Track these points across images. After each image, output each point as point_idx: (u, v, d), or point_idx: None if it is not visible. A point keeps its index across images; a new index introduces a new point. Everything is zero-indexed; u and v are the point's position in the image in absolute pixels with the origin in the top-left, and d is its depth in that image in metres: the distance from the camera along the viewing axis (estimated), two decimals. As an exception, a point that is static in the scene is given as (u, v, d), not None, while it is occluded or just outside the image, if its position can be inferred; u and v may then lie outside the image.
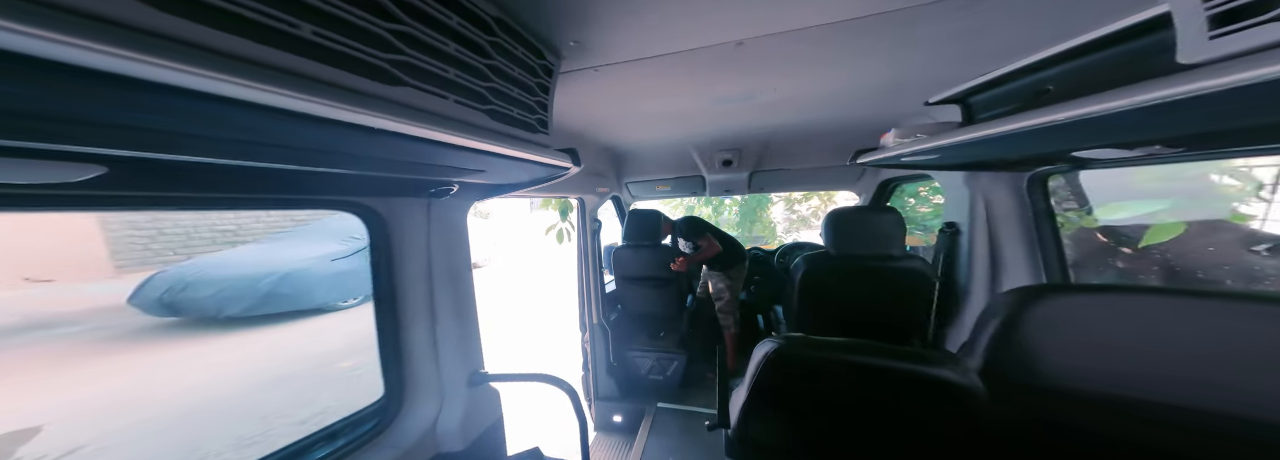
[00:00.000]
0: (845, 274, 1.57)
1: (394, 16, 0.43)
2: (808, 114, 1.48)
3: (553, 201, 3.15)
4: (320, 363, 3.08)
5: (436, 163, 0.61)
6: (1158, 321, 0.55)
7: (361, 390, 2.69)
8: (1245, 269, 1.27)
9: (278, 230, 4.91)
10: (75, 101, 0.25)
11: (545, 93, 0.79)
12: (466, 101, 0.56)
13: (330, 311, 3.97)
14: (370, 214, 0.86)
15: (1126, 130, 0.62)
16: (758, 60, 0.91)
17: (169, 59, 0.25)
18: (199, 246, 4.46)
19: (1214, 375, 0.53)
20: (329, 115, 0.35)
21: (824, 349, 0.75)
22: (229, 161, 0.44)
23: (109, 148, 0.35)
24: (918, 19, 0.70)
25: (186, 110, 0.29)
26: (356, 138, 0.41)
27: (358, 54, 0.40)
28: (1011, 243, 1.36)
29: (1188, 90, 0.41)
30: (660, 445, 1.92)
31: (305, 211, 3.55)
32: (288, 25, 0.33)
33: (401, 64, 0.44)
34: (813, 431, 0.80)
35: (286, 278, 3.62)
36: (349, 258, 4.14)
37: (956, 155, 1.03)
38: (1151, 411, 0.56)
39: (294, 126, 0.36)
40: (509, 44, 0.64)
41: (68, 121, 0.28)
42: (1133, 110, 0.48)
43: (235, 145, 0.40)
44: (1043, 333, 0.60)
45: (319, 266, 3.92)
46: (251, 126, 0.35)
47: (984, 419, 0.64)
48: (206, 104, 0.28)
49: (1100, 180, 1.62)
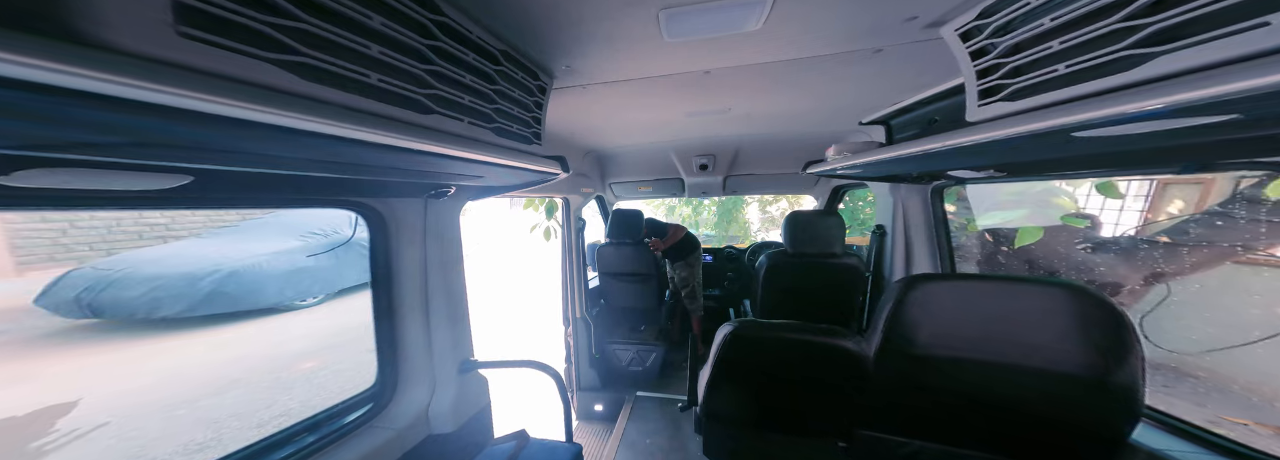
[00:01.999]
0: (800, 269, 1.80)
1: (429, 59, 0.53)
2: (770, 128, 1.67)
3: (536, 201, 3.18)
4: (279, 364, 2.94)
5: (443, 171, 0.70)
6: (979, 300, 0.75)
7: (330, 391, 2.61)
8: (1076, 262, 1.61)
9: (221, 225, 4.53)
10: (183, 131, 0.33)
11: (539, 109, 0.89)
12: (476, 122, 0.66)
13: (286, 311, 3.77)
14: (371, 213, 0.92)
15: (969, 159, 0.84)
16: (723, 86, 1.05)
17: (288, 110, 0.34)
18: (124, 242, 4.05)
19: (1006, 336, 0.73)
20: (379, 141, 0.44)
21: (768, 329, 0.92)
22: (278, 171, 0.51)
23: (201, 163, 0.42)
24: (845, 61, 0.87)
25: (282, 140, 0.38)
26: (384, 153, 0.50)
27: (405, 92, 0.49)
28: (919, 241, 1.63)
29: (972, 139, 0.61)
30: (639, 429, 2.05)
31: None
32: (360, 74, 0.43)
33: (433, 97, 0.54)
34: (760, 395, 0.96)
35: (233, 275, 3.38)
36: (315, 255, 3.92)
37: (879, 169, 1.24)
38: (972, 366, 0.76)
39: (341, 146, 0.44)
40: (511, 71, 0.74)
41: (171, 146, 0.36)
42: (961, 146, 0.67)
43: (300, 162, 0.48)
44: (918, 312, 0.79)
45: (273, 263, 3.69)
46: (316, 148, 0.44)
47: (872, 378, 0.83)
48: (295, 136, 0.38)
49: (990, 192, 1.95)
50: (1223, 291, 1.44)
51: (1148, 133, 0.46)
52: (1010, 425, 0.77)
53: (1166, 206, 2.37)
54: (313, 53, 0.38)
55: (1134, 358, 0.65)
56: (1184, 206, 2.29)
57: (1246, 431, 1.32)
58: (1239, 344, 1.33)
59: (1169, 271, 1.37)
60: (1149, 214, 2.32)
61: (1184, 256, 1.34)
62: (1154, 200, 2.44)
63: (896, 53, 0.81)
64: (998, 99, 0.56)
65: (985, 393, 0.77)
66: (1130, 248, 1.53)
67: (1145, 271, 1.42)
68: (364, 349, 1.02)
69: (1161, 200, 2.41)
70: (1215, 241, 1.27)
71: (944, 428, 0.83)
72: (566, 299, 2.30)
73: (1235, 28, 0.33)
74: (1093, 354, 0.67)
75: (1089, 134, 0.48)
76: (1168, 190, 2.41)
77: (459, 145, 0.56)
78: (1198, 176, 2.28)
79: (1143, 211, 2.40)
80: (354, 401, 0.95)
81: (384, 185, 0.82)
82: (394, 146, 0.46)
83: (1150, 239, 1.48)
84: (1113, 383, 0.66)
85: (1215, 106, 0.35)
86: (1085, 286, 0.70)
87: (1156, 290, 1.38)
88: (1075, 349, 0.68)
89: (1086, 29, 0.44)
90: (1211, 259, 1.29)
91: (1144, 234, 1.86)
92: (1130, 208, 2.44)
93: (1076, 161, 0.80)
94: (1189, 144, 0.54)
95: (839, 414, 0.91)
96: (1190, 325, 1.42)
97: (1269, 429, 1.34)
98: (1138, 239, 1.50)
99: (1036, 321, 0.71)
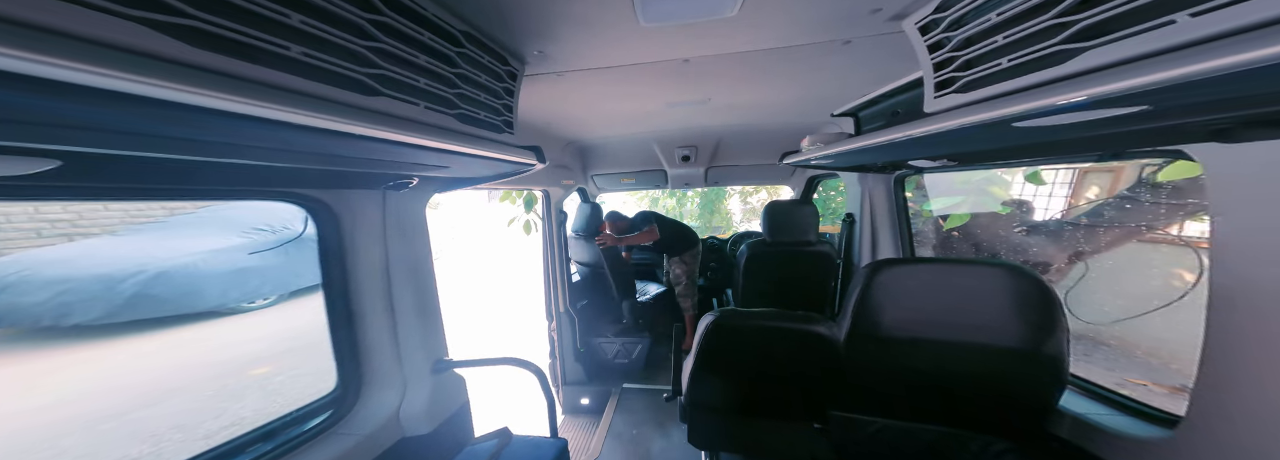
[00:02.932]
0: (778, 258, 1.87)
1: (372, 35, 0.49)
2: (749, 119, 1.69)
3: (512, 194, 3.06)
4: (226, 370, 2.71)
5: (400, 159, 0.66)
6: (934, 282, 0.81)
7: (287, 397, 2.45)
8: (1014, 244, 1.79)
9: (145, 220, 4.05)
10: (41, 104, 0.28)
11: (510, 96, 0.85)
12: (436, 107, 0.62)
13: (232, 314, 3.47)
14: (318, 206, 0.85)
15: (926, 149, 0.90)
16: (703, 75, 1.04)
17: (166, 79, 0.29)
18: (18, 240, 3.53)
19: (956, 316, 0.79)
20: (313, 124, 0.40)
21: (749, 318, 0.95)
22: (190, 157, 0.46)
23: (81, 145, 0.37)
24: (818, 52, 0.89)
25: (170, 117, 0.33)
26: (317, 138, 0.46)
27: (341, 70, 0.45)
28: (883, 228, 1.73)
29: (927, 130, 0.65)
30: (625, 420, 2.08)
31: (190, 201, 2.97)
32: (281, 47, 0.38)
33: (379, 77, 0.50)
34: (742, 383, 0.99)
35: (161, 277, 3.05)
36: (261, 253, 3.60)
37: (848, 159, 1.29)
38: (928, 346, 0.82)
39: (272, 131, 0.40)
40: (476, 54, 0.70)
41: (17, 122, 0.30)
42: (918, 137, 0.72)
43: (218, 147, 0.43)
44: (881, 296, 0.83)
45: (211, 262, 3.36)
46: (232, 131, 0.39)
47: (843, 361, 0.87)
48: (188, 113, 0.32)
49: (944, 180, 2.10)
50: (1129, 267, 1.64)
51: (1074, 123, 0.50)
52: (960, 399, 0.83)
53: (1085, 192, 2.66)
54: (203, 15, 0.33)
55: (1060, 331, 0.72)
56: (1099, 192, 2.58)
57: (1146, 391, 1.53)
58: (1140, 314, 1.52)
59: (1087, 251, 1.54)
60: (1072, 199, 2.59)
61: (1099, 237, 1.51)
62: (1076, 187, 2.73)
63: (864, 45, 0.84)
64: (951, 91, 0.60)
65: (939, 370, 0.82)
66: (1058, 230, 1.70)
67: (1069, 251, 1.59)
68: (327, 352, 0.95)
69: (1082, 187, 2.70)
70: (1124, 223, 1.44)
71: (905, 405, 0.89)
72: (549, 293, 2.27)
73: (1149, 25, 0.35)
74: (1026, 329, 0.74)
75: (1026, 124, 0.52)
76: (1087, 178, 2.70)
77: (413, 131, 0.52)
78: (1110, 165, 2.57)
79: (1067, 197, 2.68)
80: (313, 407, 0.89)
81: (333, 176, 0.76)
82: (326, 130, 0.41)
83: (1073, 221, 1.65)
84: (1042, 355, 0.73)
85: (1128, 99, 0.37)
86: (1020, 266, 0.77)
87: (1077, 268, 1.55)
88: (1012, 325, 0.74)
89: (1026, 24, 0.46)
90: (1121, 238, 1.47)
91: (1068, 217, 2.08)
92: (1058, 194, 2.72)
93: (1016, 151, 0.87)
94: (1107, 134, 0.60)
95: (815, 397, 0.95)
96: (1104, 298, 1.62)
97: (1164, 388, 1.56)
98: (1063, 222, 1.67)
99: (981, 301, 0.76)
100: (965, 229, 2.07)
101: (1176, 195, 1.32)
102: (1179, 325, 1.52)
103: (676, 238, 2.60)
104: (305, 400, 0.92)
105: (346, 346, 0.93)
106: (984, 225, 1.91)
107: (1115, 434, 0.75)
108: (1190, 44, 0.32)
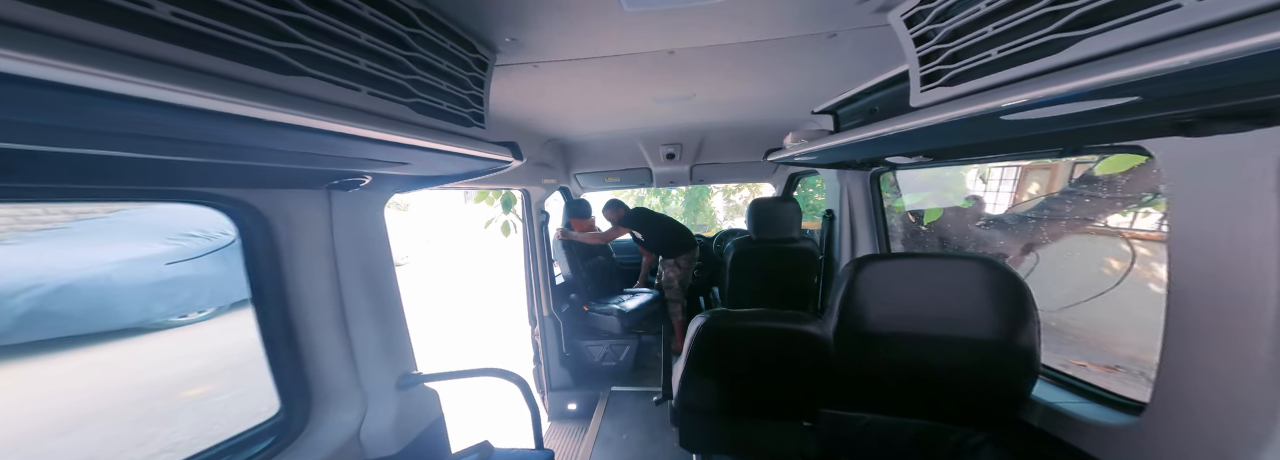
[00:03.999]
0: (763, 255, 1.88)
1: (287, 3, 0.41)
2: (733, 115, 1.67)
3: (489, 194, 2.90)
4: (154, 393, 2.42)
5: (343, 154, 0.58)
6: (914, 277, 0.82)
7: (231, 418, 2.24)
8: (976, 237, 1.91)
9: (38, 227, 3.51)
10: None
11: (480, 86, 0.77)
12: (384, 93, 0.54)
13: (159, 330, 3.09)
14: (242, 210, 0.74)
15: (902, 145, 0.91)
16: (688, 68, 1.01)
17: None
18: (-125, 252, 2.97)
19: (935, 309, 0.80)
20: (193, 105, 0.32)
21: (737, 319, 0.93)
22: (44, 148, 0.37)
23: None
24: (797, 46, 0.87)
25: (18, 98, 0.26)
26: (238, 128, 0.38)
27: (241, 40, 0.37)
28: (861, 224, 1.77)
29: (913, 124, 0.64)
30: (614, 425, 2.03)
31: (97, 203, 2.57)
32: (141, 4, 0.30)
33: (299, 52, 0.42)
34: (734, 384, 0.98)
35: (63, 290, 2.65)
36: (194, 260, 3.21)
37: (829, 156, 1.31)
38: (910, 340, 0.83)
39: (146, 113, 0.31)
40: (434, 37, 0.63)
41: None
42: (898, 133, 0.71)
43: (69, 133, 0.34)
44: (866, 292, 0.83)
45: (128, 273, 2.97)
46: (90, 114, 0.31)
47: (834, 360, 0.87)
48: (32, 90, 0.25)
49: (913, 177, 2.20)
50: (1071, 257, 1.79)
51: (1060, 116, 0.50)
52: (941, 392, 0.85)
53: (1027, 188, 2.88)
54: None
55: (1031, 322, 0.75)
56: (1039, 188, 2.81)
57: (1083, 371, 1.68)
58: (1084, 300, 1.66)
59: (1037, 242, 1.65)
60: (1016, 195, 2.80)
61: (1046, 229, 1.63)
62: (1020, 183, 2.96)
63: (849, 39, 0.83)
64: (938, 84, 0.59)
65: (921, 364, 0.83)
66: (1014, 223, 1.82)
67: (1022, 242, 1.70)
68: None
69: (1024, 183, 2.92)
70: (1069, 216, 1.55)
71: (891, 400, 0.90)
72: (531, 297, 2.19)
73: (1151, 10, 0.33)
74: (1000, 321, 0.75)
75: (1016, 117, 0.52)
76: (1028, 175, 2.93)
77: (349, 119, 0.44)
78: (1046, 163, 2.80)
79: (1012, 193, 2.89)
80: (250, 435, 0.79)
81: (261, 172, 0.66)
82: (218, 113, 0.33)
83: (1025, 215, 1.77)
84: (1016, 346, 0.75)
85: (1123, 88, 0.37)
86: (993, 260, 0.79)
87: (1029, 258, 1.67)
88: (987, 317, 0.76)
89: (1019, 13, 0.45)
90: (1065, 230, 1.59)
91: (1014, 211, 2.24)
92: (1004, 190, 2.93)
93: (989, 146, 0.90)
94: (1077, 129, 0.61)
95: (805, 395, 0.95)
96: (1050, 288, 1.75)
97: (1099, 367, 1.72)
98: (1022, 216, 1.79)
99: (958, 294, 0.78)
100: (932, 223, 2.18)
101: (1110, 190, 1.43)
102: (1114, 309, 1.69)
103: (673, 240, 2.53)
104: (253, 422, 0.81)
105: (288, 365, 0.83)
106: (950, 219, 2.02)
107: (1084, 421, 0.79)
108: (1196, 29, 0.31)
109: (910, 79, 0.64)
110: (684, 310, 2.66)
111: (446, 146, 0.63)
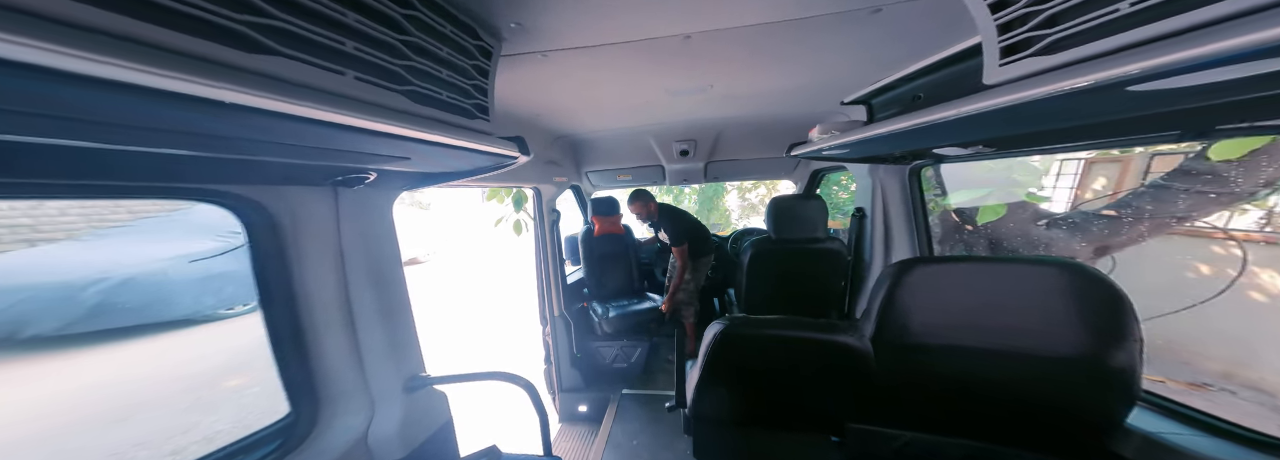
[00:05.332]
0: (783, 256, 1.76)
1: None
2: (751, 109, 1.57)
3: (501, 192, 2.91)
4: (198, 383, 2.57)
5: (333, 146, 0.54)
6: (971, 283, 0.72)
7: (263, 409, 2.32)
8: (1033, 238, 1.71)
9: (108, 225, 3.84)
10: None
11: (484, 76, 0.73)
12: (373, 79, 0.49)
13: (207, 322, 3.30)
14: (248, 206, 0.72)
15: (961, 133, 0.80)
16: (704, 55, 0.93)
17: None
18: (-29, 248, 3.32)
19: (998, 320, 0.71)
20: (144, 83, 0.27)
21: (759, 326, 0.85)
22: (17, 138, 0.34)
23: None
24: (831, 27, 0.79)
25: None
26: (198, 112, 0.33)
27: (199, 13, 0.32)
28: (898, 223, 1.63)
29: (990, 104, 0.54)
30: (624, 430, 1.98)
31: (158, 201, 2.79)
32: None
33: (267, 28, 0.37)
34: (752, 397, 0.90)
35: (128, 284, 2.88)
36: (224, 257, 3.41)
37: (861, 150, 1.19)
38: (965, 353, 0.74)
39: (97, 93, 0.27)
40: (432, 20, 0.58)
41: None
42: (962, 118, 0.62)
43: (34, 121, 0.31)
44: (911, 299, 0.75)
45: (182, 268, 3.19)
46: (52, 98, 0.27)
47: (874, 373, 0.79)
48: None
49: (958, 171, 2.01)
50: (1159, 261, 1.57)
51: (1201, 86, 0.39)
52: (1001, 412, 0.76)
53: (1092, 183, 2.59)
54: None
55: (1131, 339, 0.63)
56: (1106, 183, 2.51)
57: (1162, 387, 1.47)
58: (1170, 312, 1.45)
59: (1113, 244, 1.46)
60: (1079, 191, 2.52)
61: (1126, 229, 1.43)
62: (1082, 178, 2.66)
63: (895, 14, 0.72)
64: (1028, 54, 0.49)
65: (976, 379, 0.74)
66: (1082, 222, 1.61)
67: (1094, 244, 1.50)
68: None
69: (1088, 178, 2.63)
70: (1156, 214, 1.35)
71: (936, 417, 0.82)
72: (542, 296, 2.16)
73: None
74: (1088, 335, 0.65)
75: (1148, 87, 0.41)
76: (1093, 169, 2.63)
77: (327, 104, 0.40)
78: (1114, 154, 2.50)
79: (1072, 189, 2.61)
80: (256, 438, 0.77)
81: (264, 169, 0.64)
82: (172, 93, 0.29)
83: (1098, 213, 1.57)
84: (1109, 365, 0.65)
85: None
86: (1081, 265, 0.68)
87: (1102, 263, 1.47)
88: (1069, 331, 0.66)
89: None
90: (1151, 230, 1.39)
91: (1077, 209, 2.00)
92: (1061, 186, 2.64)
93: (1079, 131, 0.76)
94: (1217, 105, 0.49)
95: (833, 408, 0.87)
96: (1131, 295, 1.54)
97: (1180, 384, 1.51)
98: (1091, 214, 1.59)
99: (1030, 303, 0.68)
100: (974, 222, 1.98)
101: (1216, 183, 1.22)
102: (1194, 319, 1.47)
103: (693, 240, 2.42)
104: (281, 413, 0.81)
105: (296, 368, 0.81)
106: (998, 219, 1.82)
107: (1196, 458, 0.66)
108: None
109: (984, 53, 0.55)
110: (696, 314, 2.57)
111: (447, 139, 0.59)
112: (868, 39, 0.85)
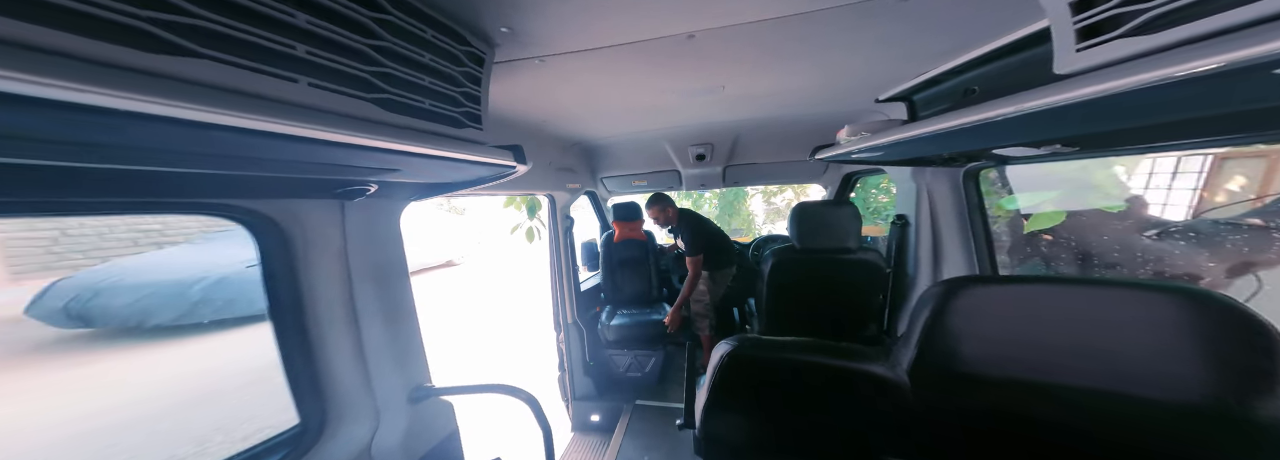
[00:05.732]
0: (809, 267, 1.60)
1: None
2: (770, 110, 1.47)
3: (517, 199, 2.99)
4: (264, 375, 2.86)
5: (301, 159, 0.52)
6: (1042, 308, 0.60)
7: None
8: (1139, 251, 1.39)
9: (214, 230, 4.48)
10: None
11: (474, 83, 0.70)
12: (334, 87, 0.46)
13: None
14: (257, 220, 0.74)
15: (1028, 131, 0.67)
16: (711, 55, 0.87)
17: None
18: (115, 249, 4.00)
19: (1084, 354, 0.58)
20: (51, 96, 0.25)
21: (773, 349, 0.76)
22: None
23: None
24: (853, 19, 0.70)
25: None
26: (132, 126, 0.31)
27: (96, 10, 0.29)
28: (949, 233, 1.42)
29: (1063, 98, 0.45)
30: (635, 445, 1.91)
31: None
32: None
33: (179, 26, 0.33)
34: (768, 425, 0.81)
35: (221, 282, 3.34)
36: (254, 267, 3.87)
37: (901, 151, 1.05)
38: (1033, 390, 0.61)
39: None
40: (408, 24, 0.55)
41: None
42: (1028, 114, 0.52)
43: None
44: (962, 324, 0.63)
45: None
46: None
47: (910, 406, 0.68)
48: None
49: (1027, 170, 1.71)
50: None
51: None
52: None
53: (1225, 183, 2.10)
54: None
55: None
56: (1247, 183, 2.02)
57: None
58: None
59: (1259, 261, 1.14)
60: (1205, 193, 2.05)
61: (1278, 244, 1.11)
62: (1209, 177, 2.17)
63: (925, 1, 0.62)
64: (1117, 35, 0.39)
65: (1050, 422, 0.61)
66: (1210, 233, 1.29)
67: (1229, 262, 1.19)
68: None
69: (1218, 176, 2.13)
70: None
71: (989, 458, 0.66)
72: (556, 303, 2.15)
73: None
74: (1219, 379, 0.51)
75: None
76: (1225, 166, 2.13)
77: (270, 114, 0.37)
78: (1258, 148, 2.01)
79: (1196, 190, 2.13)
80: (263, 448, 0.80)
81: (265, 182, 0.65)
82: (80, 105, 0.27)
83: (1235, 222, 1.24)
84: (1254, 417, 0.50)
85: None
86: (1209, 292, 0.53)
87: (1240, 283, 1.16)
88: (1192, 372, 0.52)
89: None
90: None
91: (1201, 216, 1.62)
92: (1177, 187, 2.17)
93: (1190, 125, 0.59)
94: None
95: (862, 441, 0.75)
96: None
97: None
98: (1223, 223, 1.26)
99: (1132, 336, 0.55)
100: (1055, 231, 1.67)
101: None
102: None
103: (713, 250, 2.29)
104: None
105: (305, 378, 0.83)
106: (1091, 226, 1.52)
107: None
108: None
109: (1055, 37, 0.46)
110: (712, 327, 2.42)
111: (429, 150, 0.56)
112: (895, 33, 0.76)
